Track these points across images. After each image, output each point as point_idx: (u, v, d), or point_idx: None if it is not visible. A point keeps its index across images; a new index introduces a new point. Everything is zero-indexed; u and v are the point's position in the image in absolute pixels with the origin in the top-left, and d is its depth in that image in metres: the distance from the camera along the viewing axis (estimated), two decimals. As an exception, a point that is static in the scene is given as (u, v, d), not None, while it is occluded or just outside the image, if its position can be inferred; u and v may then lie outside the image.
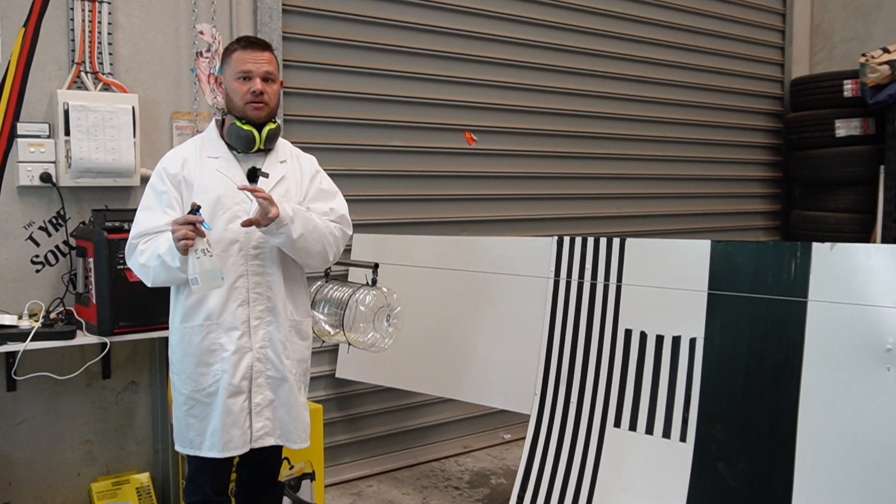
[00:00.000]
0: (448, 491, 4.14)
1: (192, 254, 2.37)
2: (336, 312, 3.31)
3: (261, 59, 2.61)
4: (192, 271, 2.38)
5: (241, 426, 2.60)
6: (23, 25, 3.21)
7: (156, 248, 2.49)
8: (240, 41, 2.66)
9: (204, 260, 2.38)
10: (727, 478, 2.81)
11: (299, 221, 2.55)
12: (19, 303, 3.19)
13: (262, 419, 2.64)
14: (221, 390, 2.58)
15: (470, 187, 4.69)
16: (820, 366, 2.67)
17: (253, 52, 2.61)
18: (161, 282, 2.56)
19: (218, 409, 2.58)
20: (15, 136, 3.19)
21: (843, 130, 5.55)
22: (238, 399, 2.60)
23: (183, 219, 2.40)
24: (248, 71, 2.59)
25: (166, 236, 2.48)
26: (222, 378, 2.58)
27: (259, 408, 2.63)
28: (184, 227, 2.37)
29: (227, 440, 2.59)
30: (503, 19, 4.73)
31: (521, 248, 3.62)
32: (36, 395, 3.30)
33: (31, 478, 3.33)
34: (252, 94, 2.58)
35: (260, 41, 2.68)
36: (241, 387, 2.60)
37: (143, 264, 2.53)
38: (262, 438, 2.65)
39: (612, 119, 5.33)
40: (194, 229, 2.37)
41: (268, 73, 2.62)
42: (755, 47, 6.19)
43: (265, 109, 2.62)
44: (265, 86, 2.60)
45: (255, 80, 2.59)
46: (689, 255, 3.05)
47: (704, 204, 5.94)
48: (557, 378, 3.33)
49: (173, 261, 2.43)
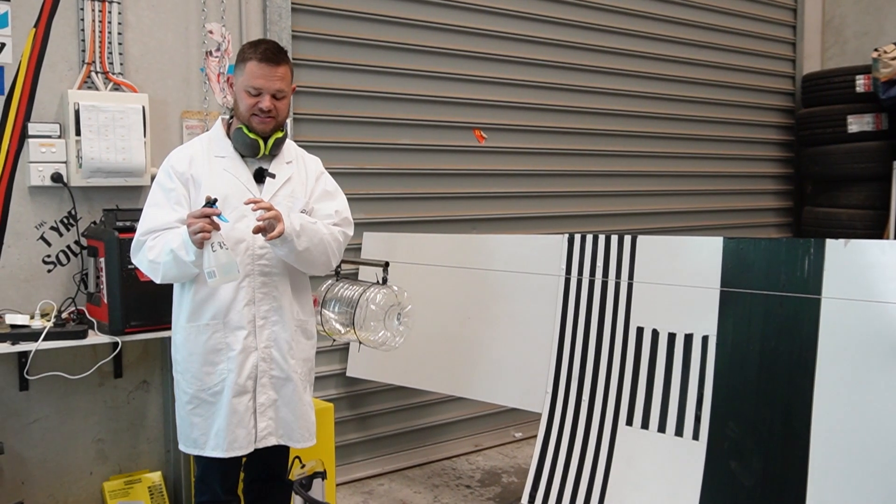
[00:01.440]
0: (459, 489, 4.13)
1: (208, 247, 2.38)
2: (347, 311, 3.30)
3: (274, 76, 2.56)
4: (208, 264, 2.39)
5: (246, 426, 2.60)
6: (33, 26, 3.22)
7: (166, 244, 2.47)
8: (257, 50, 2.57)
9: (220, 253, 2.38)
10: (740, 476, 2.80)
11: (305, 236, 2.55)
12: (31, 302, 3.20)
13: (265, 419, 2.64)
14: (227, 389, 2.58)
15: (480, 185, 4.68)
16: (834, 363, 2.65)
17: (268, 67, 2.55)
18: (171, 278, 2.55)
19: (223, 408, 2.58)
20: (26, 136, 3.20)
21: (856, 126, 5.52)
22: (243, 399, 2.60)
23: (199, 212, 2.39)
24: (259, 88, 2.55)
25: (177, 231, 2.48)
26: (228, 377, 2.58)
27: (263, 408, 2.63)
28: (200, 220, 2.36)
29: (232, 440, 2.59)
30: (514, 17, 4.71)
31: (531, 246, 3.60)
32: (48, 394, 3.31)
33: (43, 476, 3.34)
34: (259, 110, 2.55)
35: (277, 55, 2.58)
36: (246, 386, 2.60)
37: (153, 261, 2.51)
38: (265, 438, 2.65)
39: (623, 116, 5.31)
40: (211, 222, 2.37)
41: (279, 91, 2.58)
42: (766, 43, 6.16)
43: (272, 124, 2.59)
44: (274, 102, 2.57)
45: (264, 97, 2.55)
46: (701, 252, 3.04)
47: (715, 201, 5.91)
48: (569, 376, 3.32)
49: (188, 255, 2.42)
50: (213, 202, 2.41)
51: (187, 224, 2.40)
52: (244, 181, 2.62)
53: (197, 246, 2.38)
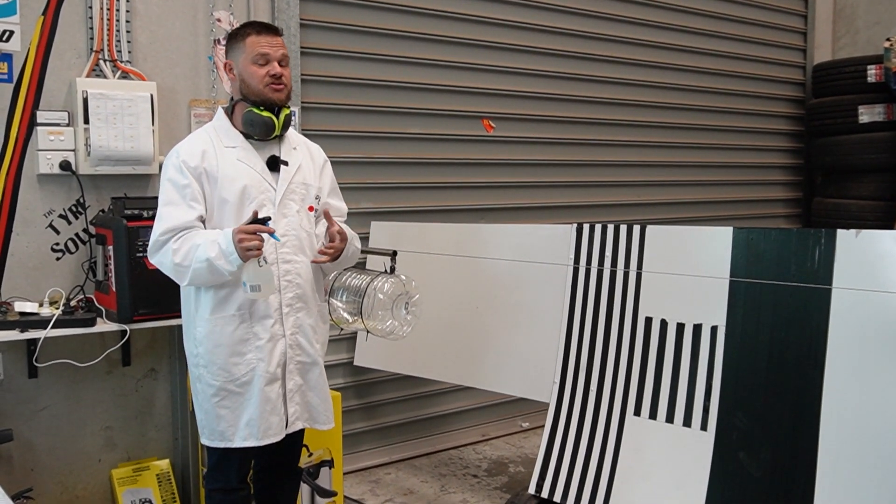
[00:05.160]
0: (466, 479, 4.13)
1: (254, 262, 2.43)
2: (354, 300, 3.29)
3: (276, 44, 2.62)
4: (251, 279, 2.45)
5: (278, 413, 2.63)
6: (41, 14, 3.21)
7: (198, 250, 2.46)
8: (252, 25, 2.66)
9: (265, 268, 2.46)
10: (749, 467, 2.79)
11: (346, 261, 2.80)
12: (40, 290, 3.21)
13: (293, 404, 2.67)
14: (257, 378, 2.59)
15: (488, 175, 4.67)
16: (844, 353, 2.63)
17: (268, 37, 2.62)
18: (200, 283, 2.54)
19: (254, 397, 2.59)
20: (35, 124, 3.20)
21: (867, 116, 5.48)
22: (274, 386, 2.62)
23: (254, 227, 2.42)
24: (266, 54, 2.59)
25: (206, 237, 2.48)
26: (258, 366, 2.59)
27: (291, 393, 2.66)
28: (255, 238, 2.41)
29: (267, 427, 2.60)
30: (522, 5, 4.69)
31: (540, 236, 3.59)
32: (57, 382, 3.33)
33: (52, 464, 3.36)
34: (272, 77, 2.58)
35: (272, 26, 2.69)
36: (276, 374, 2.62)
37: (179, 264, 2.49)
38: (293, 423, 2.68)
39: (633, 106, 5.28)
40: (261, 239, 2.43)
41: (283, 57, 2.63)
42: (777, 32, 6.11)
43: (285, 91, 2.63)
44: (282, 69, 2.61)
45: (273, 63, 2.59)
46: (710, 242, 3.02)
47: (725, 191, 5.89)
48: (577, 366, 3.31)
49: (228, 265, 2.43)
50: (267, 220, 2.46)
51: (238, 239, 2.40)
52: (259, 171, 2.62)
53: (244, 260, 2.42)
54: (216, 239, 2.45)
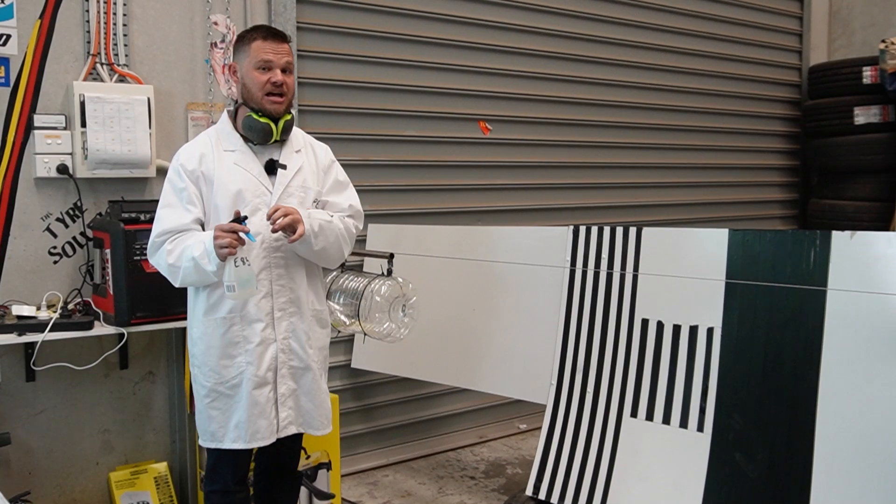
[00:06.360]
0: (464, 480, 4.14)
1: (231, 262, 2.42)
2: (352, 303, 3.31)
3: (281, 51, 2.61)
4: (228, 278, 2.44)
5: (267, 417, 2.62)
6: (38, 17, 3.22)
7: (187, 250, 2.49)
8: (259, 30, 2.65)
9: (242, 269, 2.44)
10: (745, 468, 2.80)
11: (322, 235, 2.61)
12: (37, 294, 3.21)
13: (286, 409, 2.66)
14: (245, 382, 2.59)
15: (485, 177, 4.68)
16: (839, 355, 2.64)
17: (274, 43, 2.61)
18: (190, 283, 2.58)
19: (242, 400, 2.60)
20: (32, 127, 3.20)
21: (863, 118, 5.49)
22: (264, 390, 2.61)
23: (228, 226, 2.42)
24: (269, 61, 2.59)
25: (197, 237, 2.50)
26: (247, 370, 2.59)
27: (283, 398, 2.65)
28: (229, 236, 2.40)
29: (254, 431, 2.61)
30: (519, 8, 4.70)
31: (536, 238, 3.60)
32: (54, 385, 3.33)
33: (50, 467, 3.36)
34: (272, 85, 2.58)
35: (280, 32, 2.67)
36: (266, 378, 2.62)
37: (172, 264, 2.53)
38: (286, 428, 2.67)
39: (628, 108, 5.29)
40: (238, 238, 2.41)
41: (287, 64, 2.62)
42: (772, 34, 6.13)
43: (284, 103, 2.62)
44: (285, 77, 2.60)
45: (275, 70, 2.59)
46: (706, 243, 3.03)
47: (721, 193, 5.89)
48: (574, 368, 3.32)
49: (209, 265, 2.45)
50: (244, 219, 2.45)
51: (214, 236, 2.42)
52: (256, 174, 2.62)
53: (220, 259, 2.42)
54: (203, 239, 2.49)
